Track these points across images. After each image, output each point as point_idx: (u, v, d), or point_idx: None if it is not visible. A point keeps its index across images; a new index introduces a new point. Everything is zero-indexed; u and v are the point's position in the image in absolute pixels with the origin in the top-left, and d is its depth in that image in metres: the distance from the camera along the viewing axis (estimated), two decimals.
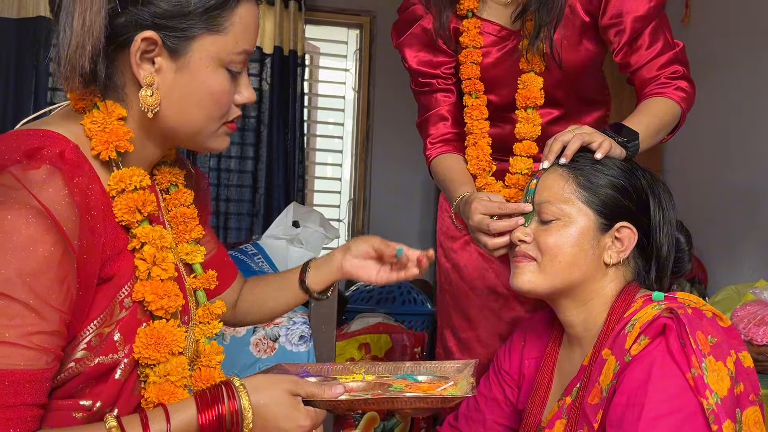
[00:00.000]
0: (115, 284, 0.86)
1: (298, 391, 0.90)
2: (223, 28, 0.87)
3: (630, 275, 1.12)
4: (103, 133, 0.87)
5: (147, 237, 0.89)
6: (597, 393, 1.01)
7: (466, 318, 1.58)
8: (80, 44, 0.82)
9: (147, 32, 0.84)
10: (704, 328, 0.96)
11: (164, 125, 0.90)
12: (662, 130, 1.31)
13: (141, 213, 0.89)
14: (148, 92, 0.86)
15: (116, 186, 0.88)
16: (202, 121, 0.91)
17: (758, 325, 1.84)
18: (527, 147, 1.40)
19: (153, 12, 0.84)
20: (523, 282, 1.10)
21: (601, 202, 1.09)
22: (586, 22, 1.37)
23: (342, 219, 3.69)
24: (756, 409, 0.97)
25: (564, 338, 1.18)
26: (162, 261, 0.89)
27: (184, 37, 0.85)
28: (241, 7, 0.89)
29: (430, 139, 1.50)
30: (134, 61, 0.85)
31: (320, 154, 3.83)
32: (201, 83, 0.88)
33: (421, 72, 1.50)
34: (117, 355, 0.86)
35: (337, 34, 3.75)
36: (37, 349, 0.75)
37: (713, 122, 2.93)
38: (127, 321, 0.87)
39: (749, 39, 2.79)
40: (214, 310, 1.01)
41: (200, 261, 1.01)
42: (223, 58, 0.88)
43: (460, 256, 1.58)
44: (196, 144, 0.94)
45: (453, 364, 1.12)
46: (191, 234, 1.01)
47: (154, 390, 0.88)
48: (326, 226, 2.66)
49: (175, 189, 1.02)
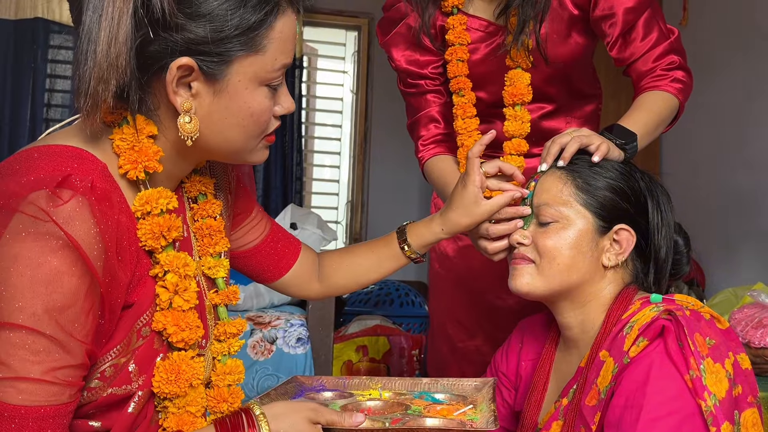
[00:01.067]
0: (135, 312, 0.84)
1: (318, 419, 0.89)
2: (262, 47, 0.83)
3: (628, 277, 1.12)
4: (131, 152, 0.84)
5: (171, 265, 0.85)
6: (595, 395, 1.00)
7: (462, 327, 1.57)
8: (104, 79, 0.77)
9: (183, 59, 0.79)
10: (702, 330, 0.96)
11: (203, 147, 0.87)
12: (661, 125, 1.30)
13: (165, 238, 0.85)
14: (186, 119, 0.82)
15: (141, 208, 0.84)
16: (243, 141, 0.88)
17: (756, 328, 1.85)
18: (517, 145, 1.37)
19: (187, 38, 0.79)
20: (522, 284, 1.10)
21: (600, 204, 1.09)
22: (575, 15, 1.35)
23: (340, 221, 3.69)
24: (754, 411, 0.97)
25: (561, 340, 1.18)
26: (184, 291, 0.86)
27: (221, 61, 0.81)
28: (279, 22, 0.84)
29: (421, 141, 1.48)
30: (170, 90, 0.81)
31: (318, 156, 3.83)
32: (241, 105, 0.84)
33: (408, 72, 1.47)
34: (131, 386, 0.84)
35: (335, 36, 3.76)
36: (62, 384, 0.74)
37: (711, 124, 2.94)
38: (143, 351, 0.85)
39: (747, 41, 2.80)
40: (232, 329, 0.97)
41: (223, 276, 0.97)
42: (263, 77, 0.85)
43: (454, 262, 1.56)
44: (235, 160, 0.92)
45: (471, 382, 1.11)
46: (216, 247, 0.97)
47: (173, 420, 0.87)
48: (324, 228, 2.66)
49: (203, 199, 0.98)
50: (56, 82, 3.36)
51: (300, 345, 2.18)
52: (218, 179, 1.02)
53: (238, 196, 1.09)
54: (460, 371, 1.57)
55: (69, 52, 3.37)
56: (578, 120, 1.50)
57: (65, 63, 3.37)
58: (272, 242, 1.17)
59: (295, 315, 2.29)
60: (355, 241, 3.62)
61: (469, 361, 1.56)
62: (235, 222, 1.11)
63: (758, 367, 1.75)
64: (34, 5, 3.24)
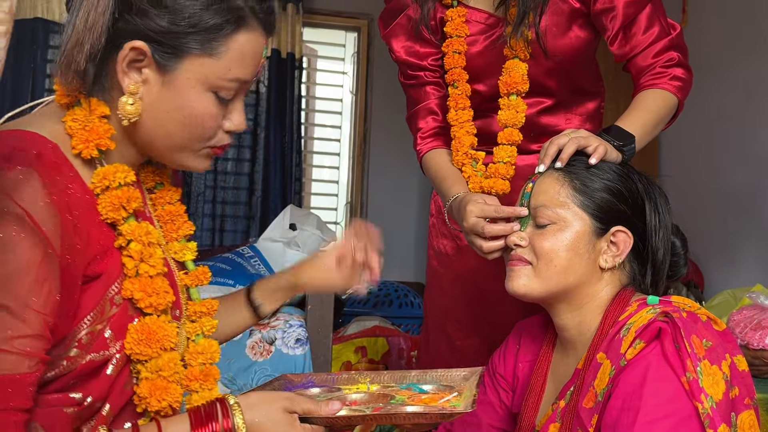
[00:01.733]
0: (104, 282, 0.85)
1: (294, 408, 0.89)
2: (217, 53, 0.86)
3: (625, 279, 1.12)
4: (83, 132, 0.86)
5: (133, 234, 0.87)
6: (592, 397, 1.00)
7: (460, 326, 1.56)
8: (80, 41, 0.83)
9: (137, 42, 0.83)
10: (699, 332, 0.96)
11: (143, 136, 0.89)
12: (659, 124, 1.29)
13: (126, 210, 0.87)
14: (129, 100, 0.85)
15: (100, 183, 0.86)
16: (183, 140, 0.89)
17: (754, 330, 1.84)
18: (509, 134, 1.35)
19: (147, 25, 0.83)
20: (518, 286, 1.10)
21: (597, 206, 1.09)
22: (576, 8, 1.35)
23: (339, 222, 3.68)
24: (751, 413, 0.97)
25: (558, 341, 1.18)
26: (149, 257, 0.88)
27: (173, 54, 0.84)
28: (240, 35, 0.87)
29: (420, 133, 1.47)
30: (120, 68, 0.84)
31: (317, 157, 3.83)
32: (185, 102, 0.87)
33: (408, 63, 1.46)
34: (108, 351, 0.85)
35: (334, 36, 3.75)
36: (18, 353, 0.74)
37: (710, 125, 2.94)
38: (118, 318, 0.86)
39: (747, 42, 2.80)
40: (205, 307, 0.99)
41: (191, 258, 1.00)
42: (213, 83, 0.87)
43: (453, 261, 1.56)
44: (172, 161, 0.93)
45: (459, 372, 1.10)
46: (180, 231, 0.99)
47: (146, 386, 0.87)
48: (323, 228, 2.65)
49: (161, 187, 1.01)
50: None
51: (299, 346, 2.18)
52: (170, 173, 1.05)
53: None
54: None
55: None
56: (579, 117, 1.49)
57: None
58: None
59: (294, 316, 2.29)
60: None
61: (468, 361, 1.55)
62: None
63: (756, 368, 1.75)
64: (33, 5, 3.24)
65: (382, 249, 1.14)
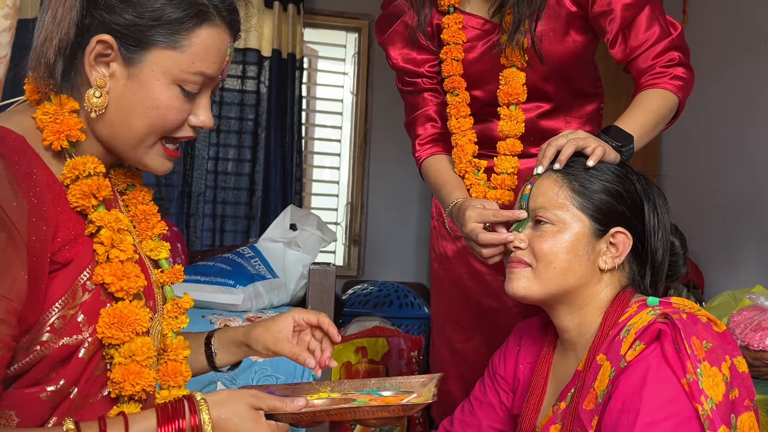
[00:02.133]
0: (74, 268, 0.86)
1: (260, 404, 0.90)
2: (180, 46, 0.88)
3: (625, 280, 1.12)
4: (54, 124, 0.88)
5: (103, 221, 0.89)
6: (592, 399, 1.00)
7: (460, 328, 1.56)
8: (48, 37, 0.85)
9: (104, 35, 0.86)
10: (699, 334, 0.96)
11: (106, 130, 0.91)
12: (659, 124, 1.29)
13: (96, 198, 0.89)
14: (96, 93, 0.87)
15: (70, 174, 0.88)
16: (144, 132, 0.91)
17: (755, 331, 1.84)
18: (511, 145, 1.36)
19: (113, 19, 0.86)
20: (518, 288, 1.10)
21: (596, 207, 1.09)
22: (573, 12, 1.34)
23: (339, 222, 3.68)
24: (751, 415, 0.97)
25: (558, 343, 1.18)
26: (120, 243, 0.89)
27: (138, 46, 0.87)
28: (203, 30, 0.89)
29: (418, 140, 1.47)
30: (87, 62, 0.87)
31: (318, 158, 3.83)
32: (149, 94, 0.89)
33: (405, 70, 1.47)
34: (81, 335, 0.86)
35: (335, 37, 3.75)
36: None
37: (711, 125, 2.93)
38: (90, 303, 0.87)
39: (747, 42, 2.80)
40: (182, 304, 1.01)
41: (165, 256, 1.01)
42: (176, 75, 0.89)
43: (453, 263, 1.56)
44: (133, 158, 0.95)
45: (418, 378, 1.12)
46: (154, 230, 1.01)
47: (119, 371, 0.88)
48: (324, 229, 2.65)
49: (132, 189, 1.03)
50: None
51: None
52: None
53: None
54: (459, 373, 1.57)
55: None
56: (578, 120, 1.48)
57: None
58: None
59: None
60: (354, 242, 3.62)
61: (468, 363, 1.55)
62: None
63: (756, 369, 1.75)
64: (34, 5, 3.24)
65: (337, 342, 1.11)
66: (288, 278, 2.27)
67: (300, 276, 2.27)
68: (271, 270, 2.30)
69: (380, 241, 3.59)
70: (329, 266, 2.00)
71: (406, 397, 1.02)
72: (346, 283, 3.47)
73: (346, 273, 3.55)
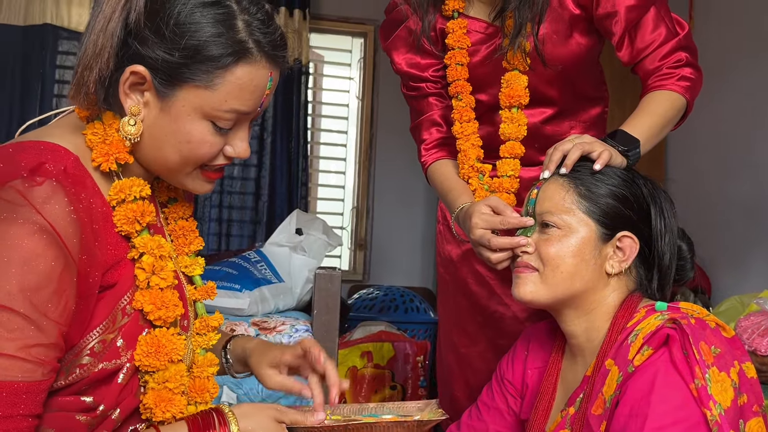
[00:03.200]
0: (117, 292, 0.87)
1: (283, 418, 0.94)
2: (213, 84, 0.86)
3: (632, 285, 1.12)
4: (103, 145, 0.88)
5: (146, 247, 0.90)
6: (600, 404, 1.00)
7: (465, 333, 1.56)
8: (89, 66, 0.85)
9: (137, 66, 0.85)
10: (708, 339, 0.96)
11: (144, 155, 0.91)
12: (666, 126, 1.28)
13: (140, 223, 0.90)
14: (131, 121, 0.87)
15: (116, 196, 0.89)
16: (178, 163, 0.91)
17: (762, 336, 1.84)
18: (512, 148, 1.36)
19: (146, 51, 0.85)
20: (525, 292, 1.10)
21: (602, 211, 1.09)
22: (576, 14, 1.33)
23: (345, 227, 3.69)
24: (759, 420, 0.96)
25: (567, 349, 1.17)
26: (161, 270, 0.90)
27: (170, 83, 0.85)
28: (239, 68, 0.86)
29: (424, 144, 1.47)
30: (122, 90, 0.86)
31: (323, 162, 3.84)
32: (180, 129, 0.88)
33: (410, 75, 1.47)
34: (120, 360, 0.87)
35: (341, 42, 3.76)
36: (35, 362, 0.76)
37: (717, 130, 2.93)
38: (129, 327, 0.88)
39: (753, 46, 2.79)
40: (211, 322, 1.02)
41: (200, 273, 1.02)
42: (208, 113, 0.87)
43: (458, 267, 1.56)
44: (174, 181, 0.95)
45: (414, 404, 1.14)
46: (191, 246, 1.02)
47: (152, 396, 0.90)
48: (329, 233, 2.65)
49: (174, 202, 1.03)
50: (64, 88, 3.37)
51: None
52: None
53: None
54: (464, 379, 1.56)
55: None
56: (583, 124, 1.48)
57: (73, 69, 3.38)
58: None
59: (300, 320, 2.29)
60: (360, 247, 3.62)
61: (473, 368, 1.55)
62: None
63: (764, 375, 1.74)
64: (43, 11, 3.26)
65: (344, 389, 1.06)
66: (294, 283, 2.28)
67: (306, 280, 2.27)
68: (277, 274, 2.30)
69: (386, 246, 3.59)
70: (335, 270, 2.00)
71: (418, 414, 1.06)
72: (351, 287, 3.47)
73: (352, 277, 3.55)
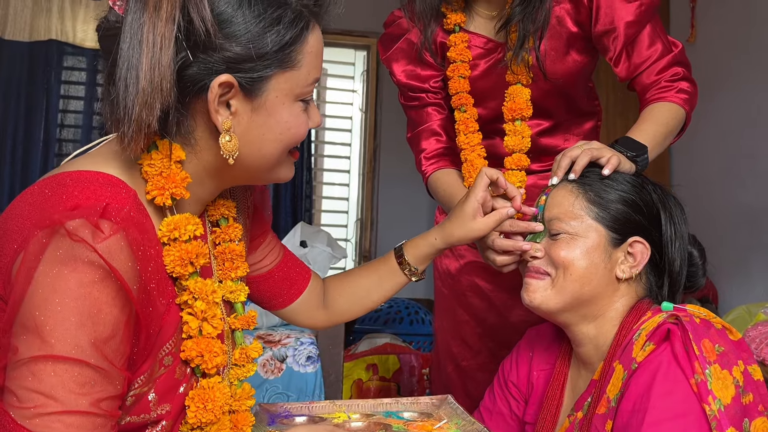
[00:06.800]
0: (160, 339, 0.83)
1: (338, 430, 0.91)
2: (296, 63, 0.84)
3: (642, 291, 1.11)
4: (159, 178, 0.83)
5: (199, 292, 0.85)
6: (605, 403, 1.00)
7: (466, 345, 1.55)
8: (148, 104, 0.77)
9: (223, 76, 0.80)
10: (712, 337, 0.96)
11: (239, 165, 0.86)
12: (669, 136, 1.29)
13: (193, 266, 0.84)
14: (227, 137, 0.82)
15: (169, 233, 0.84)
16: (278, 155, 0.88)
17: None
18: (518, 160, 1.37)
19: (226, 57, 0.80)
20: (535, 297, 1.10)
21: (612, 217, 1.09)
22: (574, 32, 1.36)
23: (349, 239, 3.69)
24: (765, 420, 0.96)
25: (573, 356, 1.17)
26: (212, 318, 0.86)
27: (259, 78, 0.82)
28: (309, 38, 0.85)
29: (424, 154, 1.48)
30: (212, 108, 0.81)
31: (327, 174, 3.85)
32: (279, 120, 0.85)
33: (410, 86, 1.48)
34: (149, 415, 0.84)
35: (344, 55, 3.79)
36: (105, 415, 0.73)
37: (721, 139, 2.93)
38: (164, 380, 0.84)
39: (756, 54, 2.80)
40: (250, 353, 0.96)
41: (243, 300, 0.97)
42: (297, 92, 0.86)
43: (456, 280, 1.56)
44: (265, 178, 0.92)
45: (427, 399, 1.13)
46: (237, 272, 0.96)
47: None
48: (333, 245, 2.65)
49: (225, 223, 0.98)
50: (69, 103, 3.40)
51: (310, 363, 2.17)
52: (238, 202, 1.02)
53: (255, 220, 1.10)
54: (466, 391, 1.56)
55: (82, 73, 3.42)
56: (577, 137, 1.50)
57: (78, 84, 3.42)
58: (285, 267, 1.17)
59: (305, 333, 2.28)
60: (365, 258, 3.62)
61: (474, 380, 1.54)
62: (252, 246, 1.11)
63: None
64: (48, 27, 3.29)
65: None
66: None
67: None
68: None
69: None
70: None
71: (436, 423, 1.04)
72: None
73: None
